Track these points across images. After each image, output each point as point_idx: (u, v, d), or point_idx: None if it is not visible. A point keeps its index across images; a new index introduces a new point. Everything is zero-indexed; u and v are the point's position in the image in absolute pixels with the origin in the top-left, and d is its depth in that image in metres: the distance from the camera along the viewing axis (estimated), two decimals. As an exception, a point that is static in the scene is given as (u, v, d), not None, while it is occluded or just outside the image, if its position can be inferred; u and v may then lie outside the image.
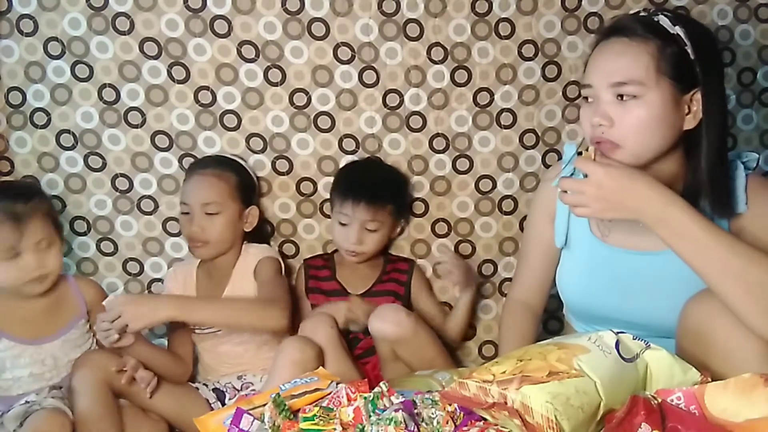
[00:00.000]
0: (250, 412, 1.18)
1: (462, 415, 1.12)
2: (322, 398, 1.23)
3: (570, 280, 1.40)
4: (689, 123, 1.18)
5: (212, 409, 1.57)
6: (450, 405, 1.13)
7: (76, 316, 1.56)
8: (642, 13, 1.22)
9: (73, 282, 1.59)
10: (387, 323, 1.55)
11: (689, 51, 1.16)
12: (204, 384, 1.66)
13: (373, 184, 1.68)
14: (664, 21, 1.18)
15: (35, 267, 1.47)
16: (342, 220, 1.69)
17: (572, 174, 1.32)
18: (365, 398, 1.16)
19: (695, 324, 1.13)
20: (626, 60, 1.17)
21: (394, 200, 1.72)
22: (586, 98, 1.23)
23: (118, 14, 1.64)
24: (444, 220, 1.79)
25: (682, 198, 1.12)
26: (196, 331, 1.69)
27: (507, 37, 1.69)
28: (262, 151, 1.74)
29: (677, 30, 1.17)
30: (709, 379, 1.08)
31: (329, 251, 1.80)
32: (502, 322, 1.53)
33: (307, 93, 1.70)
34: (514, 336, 1.45)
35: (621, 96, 1.17)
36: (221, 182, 1.65)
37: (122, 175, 1.74)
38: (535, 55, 1.70)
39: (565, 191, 1.17)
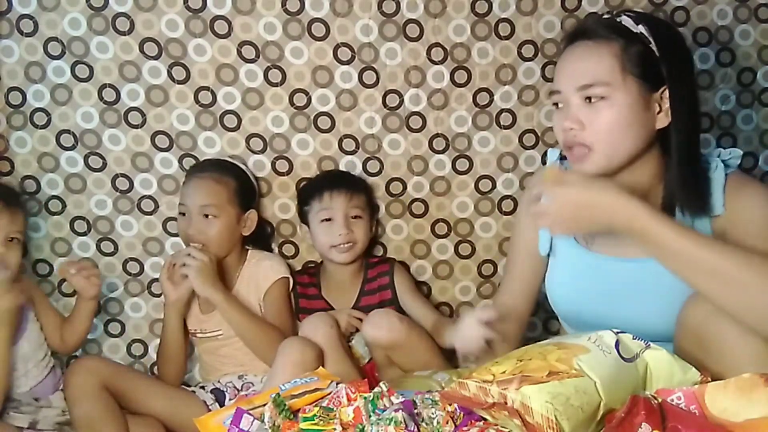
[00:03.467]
0: (250, 412, 1.19)
1: (462, 415, 1.12)
2: (322, 398, 1.23)
3: (557, 288, 1.38)
4: (661, 122, 1.18)
5: (210, 410, 1.56)
6: (450, 405, 1.13)
7: (24, 309, 1.54)
8: (605, 15, 1.24)
9: None
10: (379, 329, 1.55)
11: (654, 49, 1.16)
12: (201, 387, 1.66)
13: (344, 175, 1.73)
14: (626, 21, 1.19)
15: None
16: (324, 216, 1.68)
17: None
18: (365, 398, 1.16)
19: (693, 325, 1.12)
20: (591, 62, 1.17)
21: (366, 192, 1.73)
22: (556, 105, 1.23)
23: (118, 14, 1.64)
24: (444, 220, 1.79)
25: (649, 204, 1.10)
26: (198, 335, 1.69)
27: (507, 38, 1.69)
28: (262, 151, 1.74)
29: (640, 29, 1.17)
30: (709, 379, 1.08)
31: (316, 261, 1.79)
32: None
33: (307, 93, 1.70)
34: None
35: (589, 98, 1.17)
36: (220, 186, 1.64)
37: (122, 175, 1.74)
38: (535, 55, 1.70)
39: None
